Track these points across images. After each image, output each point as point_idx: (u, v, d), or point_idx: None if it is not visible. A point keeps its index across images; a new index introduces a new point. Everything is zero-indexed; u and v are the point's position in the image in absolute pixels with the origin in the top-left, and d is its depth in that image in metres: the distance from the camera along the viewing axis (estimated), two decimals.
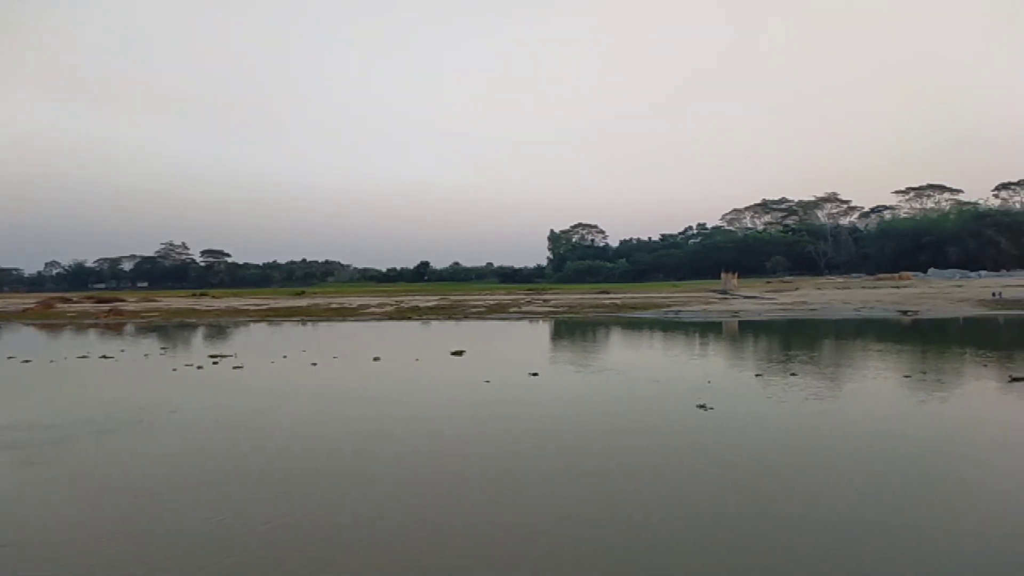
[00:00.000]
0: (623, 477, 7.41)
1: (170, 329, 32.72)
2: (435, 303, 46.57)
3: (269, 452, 8.89)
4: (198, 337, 28.45)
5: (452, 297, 54.93)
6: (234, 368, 16.82)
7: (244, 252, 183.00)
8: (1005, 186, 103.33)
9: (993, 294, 37.92)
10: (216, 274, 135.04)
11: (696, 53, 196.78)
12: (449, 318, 35.58)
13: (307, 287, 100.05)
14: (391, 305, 45.24)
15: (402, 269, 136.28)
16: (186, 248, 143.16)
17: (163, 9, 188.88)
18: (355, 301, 50.97)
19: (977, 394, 11.91)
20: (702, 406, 10.83)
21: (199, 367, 17.12)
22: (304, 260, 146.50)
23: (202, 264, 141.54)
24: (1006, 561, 5.08)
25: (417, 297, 56.82)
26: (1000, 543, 5.39)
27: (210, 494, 7.10)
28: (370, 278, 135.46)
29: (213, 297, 65.74)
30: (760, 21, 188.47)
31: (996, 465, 7.63)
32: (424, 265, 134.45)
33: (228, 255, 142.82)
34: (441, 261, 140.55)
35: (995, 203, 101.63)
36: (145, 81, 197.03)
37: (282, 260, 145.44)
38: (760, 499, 6.56)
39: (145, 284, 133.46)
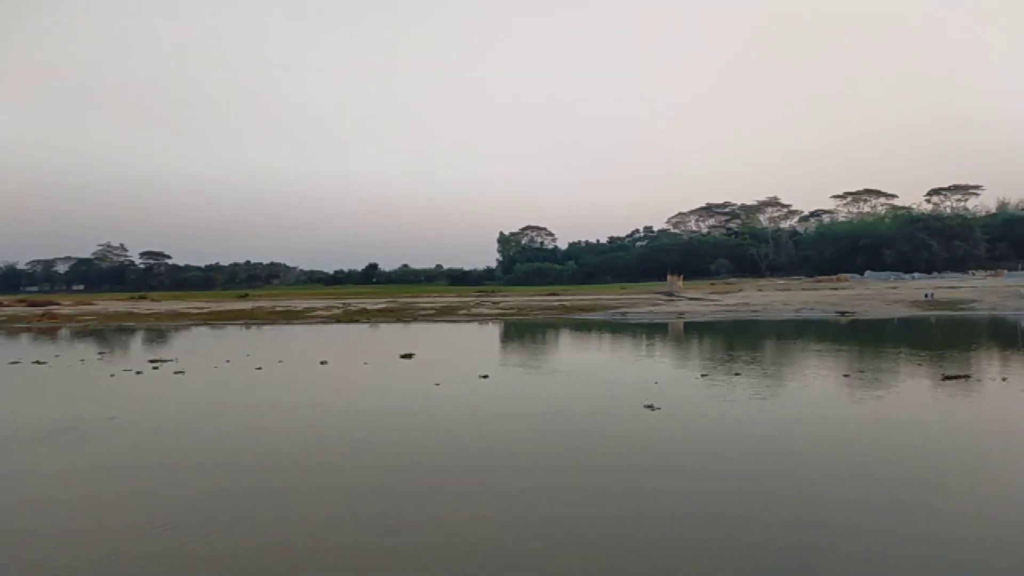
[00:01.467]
0: (573, 476, 7.47)
1: (108, 333, 31.65)
2: (384, 305, 46.15)
3: (213, 459, 8.69)
4: (137, 341, 27.57)
5: (401, 299, 54.55)
6: (175, 373, 16.37)
7: (185, 254, 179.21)
8: (936, 191, 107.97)
9: (925, 295, 39.45)
10: (156, 276, 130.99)
11: (638, 58, 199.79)
12: (398, 321, 35.29)
13: (251, 290, 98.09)
14: (338, 308, 44.60)
15: (350, 271, 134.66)
16: (124, 250, 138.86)
17: (90, 4, 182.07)
18: (301, 304, 50.12)
19: (913, 392, 12.37)
20: (649, 406, 11.01)
21: (139, 372, 16.61)
22: (248, 262, 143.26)
23: (141, 266, 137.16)
24: (936, 552, 5.31)
25: (365, 300, 56.21)
26: (939, 532, 5.63)
27: (150, 503, 6.90)
28: (317, 280, 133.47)
29: (153, 300, 63.80)
30: (701, 28, 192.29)
31: (934, 459, 7.94)
32: (372, 267, 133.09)
33: (168, 257, 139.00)
34: (390, 263, 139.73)
35: (927, 208, 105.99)
36: (78, 76, 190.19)
37: (225, 262, 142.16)
38: (705, 496, 6.70)
39: (81, 287, 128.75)
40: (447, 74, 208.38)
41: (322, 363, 17.68)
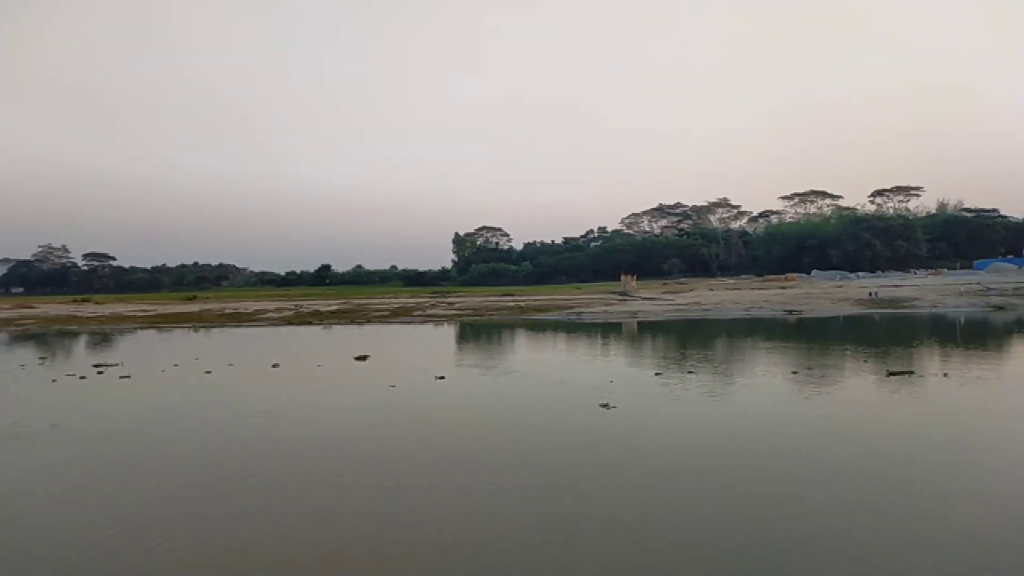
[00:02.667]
0: (530, 475, 7.48)
1: (49, 337, 30.59)
2: (337, 307, 45.56)
3: (160, 467, 8.44)
4: (81, 345, 26.70)
5: (355, 301, 53.95)
6: (121, 378, 15.89)
7: (130, 255, 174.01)
8: (880, 192, 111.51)
9: (870, 294, 40.57)
10: (100, 279, 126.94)
11: (593, 59, 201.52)
12: (352, 322, 34.87)
13: (200, 292, 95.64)
14: (290, 310, 43.86)
15: (302, 272, 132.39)
16: (66, 251, 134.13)
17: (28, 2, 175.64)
18: (251, 306, 49.17)
19: (859, 388, 12.69)
20: (605, 405, 11.09)
21: (82, 377, 16.08)
22: (196, 263, 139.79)
23: (84, 268, 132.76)
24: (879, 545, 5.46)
25: (318, 301, 55.42)
26: (883, 521, 5.79)
27: (94, 512, 6.68)
28: (268, 282, 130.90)
29: (96, 303, 61.87)
30: (654, 30, 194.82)
31: (881, 452, 8.15)
32: (325, 268, 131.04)
33: (113, 258, 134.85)
34: (343, 264, 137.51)
35: (871, 208, 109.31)
36: (19, 74, 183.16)
37: (172, 264, 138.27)
38: (661, 492, 6.76)
39: (20, 290, 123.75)
40: (399, 74, 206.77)
41: (274, 366, 17.35)
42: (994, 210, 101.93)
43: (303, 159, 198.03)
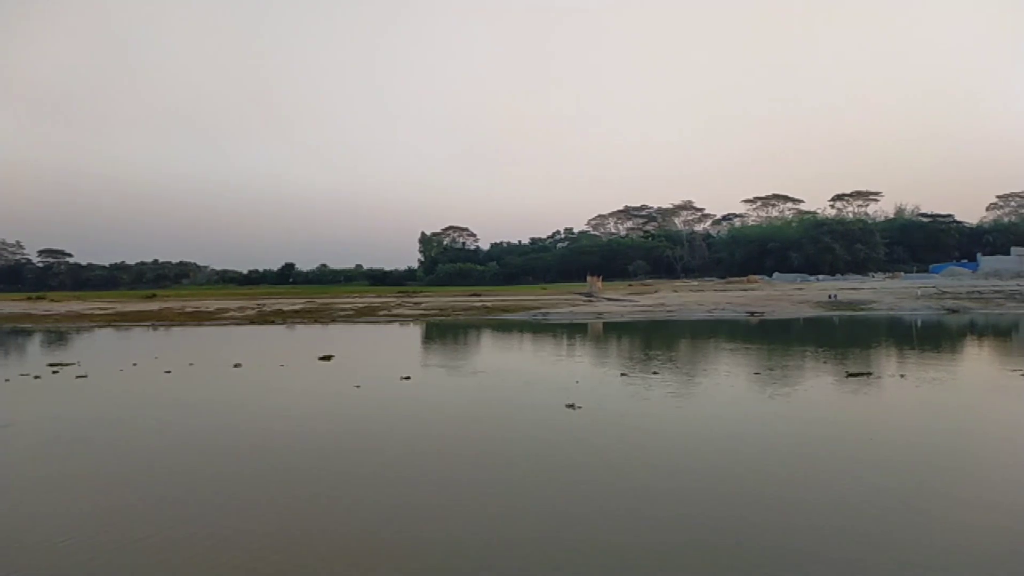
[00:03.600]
0: (496, 474, 7.48)
1: (1, 336, 29.72)
2: (301, 306, 45.03)
3: (115, 468, 8.27)
4: (35, 344, 25.99)
5: (319, 300, 53.36)
6: (77, 377, 15.50)
7: (88, 252, 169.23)
8: (839, 197, 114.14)
9: (829, 296, 41.43)
10: (56, 276, 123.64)
11: (559, 60, 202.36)
12: (316, 322, 34.50)
13: (159, 290, 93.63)
14: (252, 309, 43.21)
15: (265, 271, 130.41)
16: (20, 247, 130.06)
17: None
18: (213, 304, 48.33)
19: (819, 389, 12.93)
20: (571, 405, 11.14)
21: (36, 377, 15.65)
22: (156, 261, 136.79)
23: (39, 265, 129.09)
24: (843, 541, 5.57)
25: (281, 300, 54.67)
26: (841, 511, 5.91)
27: (45, 517, 6.50)
28: (230, 280, 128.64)
29: (52, 300, 60.11)
30: (618, 31, 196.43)
31: (842, 452, 8.31)
32: (289, 267, 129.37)
33: (70, 255, 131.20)
34: (307, 263, 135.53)
35: (831, 212, 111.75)
36: None
37: (131, 261, 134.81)
38: (626, 492, 6.81)
39: None
40: (365, 71, 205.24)
41: (236, 366, 17.08)
42: (949, 216, 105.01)
43: (266, 156, 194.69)
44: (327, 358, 18.36)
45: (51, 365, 17.63)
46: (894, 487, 6.87)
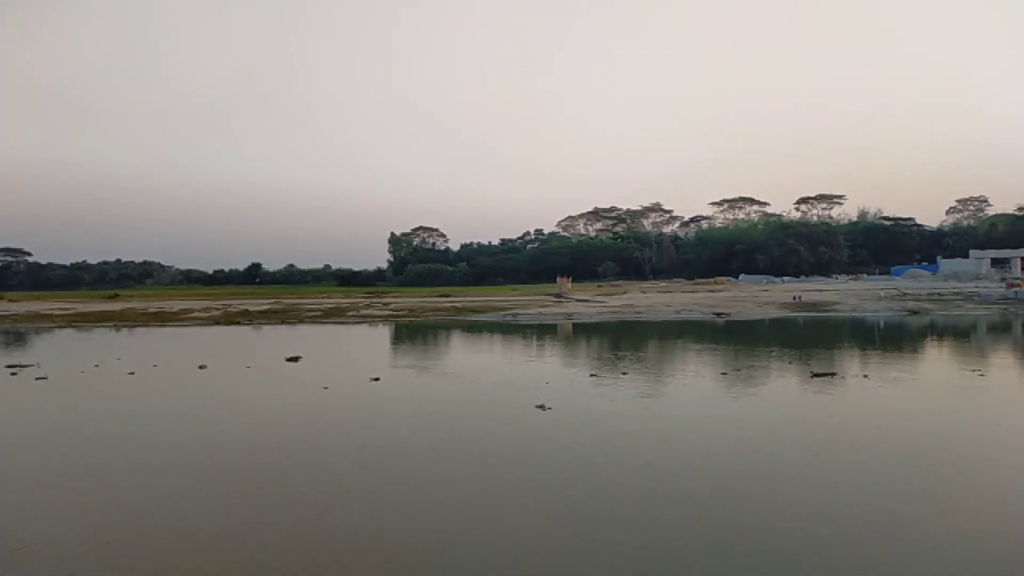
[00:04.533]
0: (466, 474, 7.46)
1: None
2: (267, 307, 44.46)
3: (76, 473, 8.09)
4: None
5: (286, 300, 52.79)
6: (37, 379, 15.12)
7: (48, 251, 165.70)
8: (804, 200, 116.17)
9: (794, 297, 42.09)
10: (15, 275, 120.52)
11: (523, 60, 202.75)
12: (283, 323, 34.07)
13: (122, 290, 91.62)
14: (218, 309, 42.54)
15: (231, 271, 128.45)
16: None
17: None
18: (177, 305, 47.50)
19: (785, 389, 13.13)
20: (541, 406, 11.16)
21: None
22: (119, 260, 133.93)
23: None
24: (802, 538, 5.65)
25: (247, 301, 53.97)
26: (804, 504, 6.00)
27: (8, 525, 6.34)
28: (195, 280, 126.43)
29: (10, 300, 58.72)
30: (589, 32, 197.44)
31: (809, 451, 8.45)
32: (256, 267, 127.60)
33: (29, 254, 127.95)
34: (274, 263, 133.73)
35: (796, 215, 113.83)
36: None
37: (93, 260, 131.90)
38: (596, 492, 6.84)
39: None
40: (335, 68, 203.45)
41: (201, 367, 16.81)
42: (910, 219, 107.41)
43: (233, 154, 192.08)
44: (295, 359, 18.15)
45: (9, 367, 17.17)
46: (861, 485, 7.00)
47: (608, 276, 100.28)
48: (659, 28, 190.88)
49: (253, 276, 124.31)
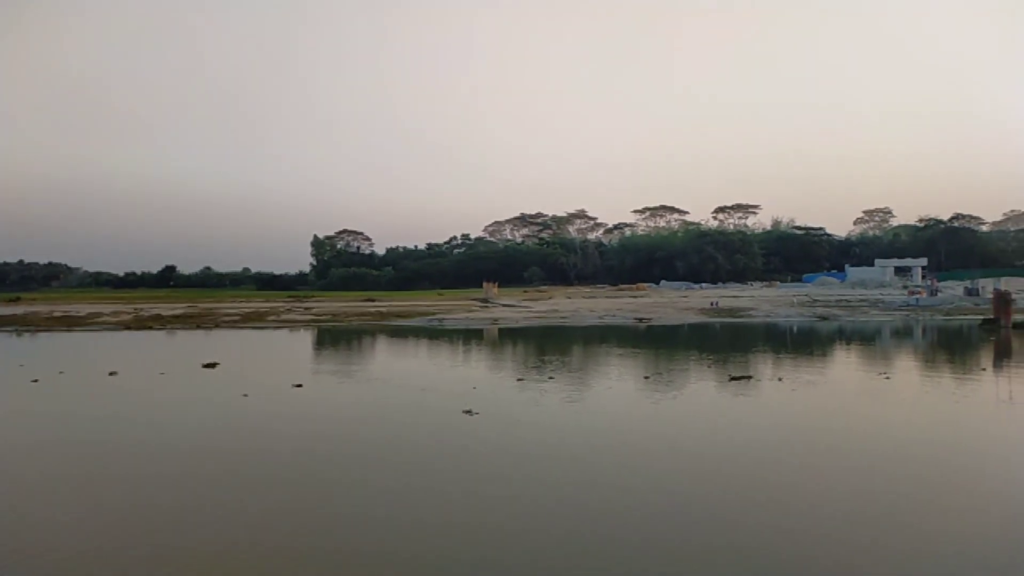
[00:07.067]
0: (393, 481, 7.39)
1: None
2: (182, 311, 42.81)
3: None
4: None
5: (202, 304, 50.94)
6: None
7: None
8: (722, 209, 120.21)
9: (711, 303, 43.38)
10: None
11: (450, 64, 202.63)
12: (198, 327, 32.91)
13: (25, 293, 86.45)
14: (129, 313, 40.68)
15: (143, 273, 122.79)
16: None
17: None
18: (85, 308, 45.14)
19: (705, 392, 13.54)
20: (468, 411, 11.14)
21: None
22: (21, 262, 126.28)
23: None
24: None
25: (160, 304, 51.76)
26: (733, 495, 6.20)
27: None
28: (104, 283, 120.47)
29: None
30: (516, 34, 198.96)
31: (728, 452, 8.72)
32: (169, 269, 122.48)
33: None
34: (190, 265, 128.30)
35: (714, 224, 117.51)
36: None
37: None
38: (521, 498, 6.88)
39: None
40: (257, 65, 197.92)
41: (111, 374, 16.04)
42: (821, 228, 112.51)
43: (146, 150, 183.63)
44: (212, 365, 17.55)
45: None
46: (776, 482, 7.29)
47: (534, 281, 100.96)
48: (580, 36, 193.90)
49: (167, 279, 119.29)
